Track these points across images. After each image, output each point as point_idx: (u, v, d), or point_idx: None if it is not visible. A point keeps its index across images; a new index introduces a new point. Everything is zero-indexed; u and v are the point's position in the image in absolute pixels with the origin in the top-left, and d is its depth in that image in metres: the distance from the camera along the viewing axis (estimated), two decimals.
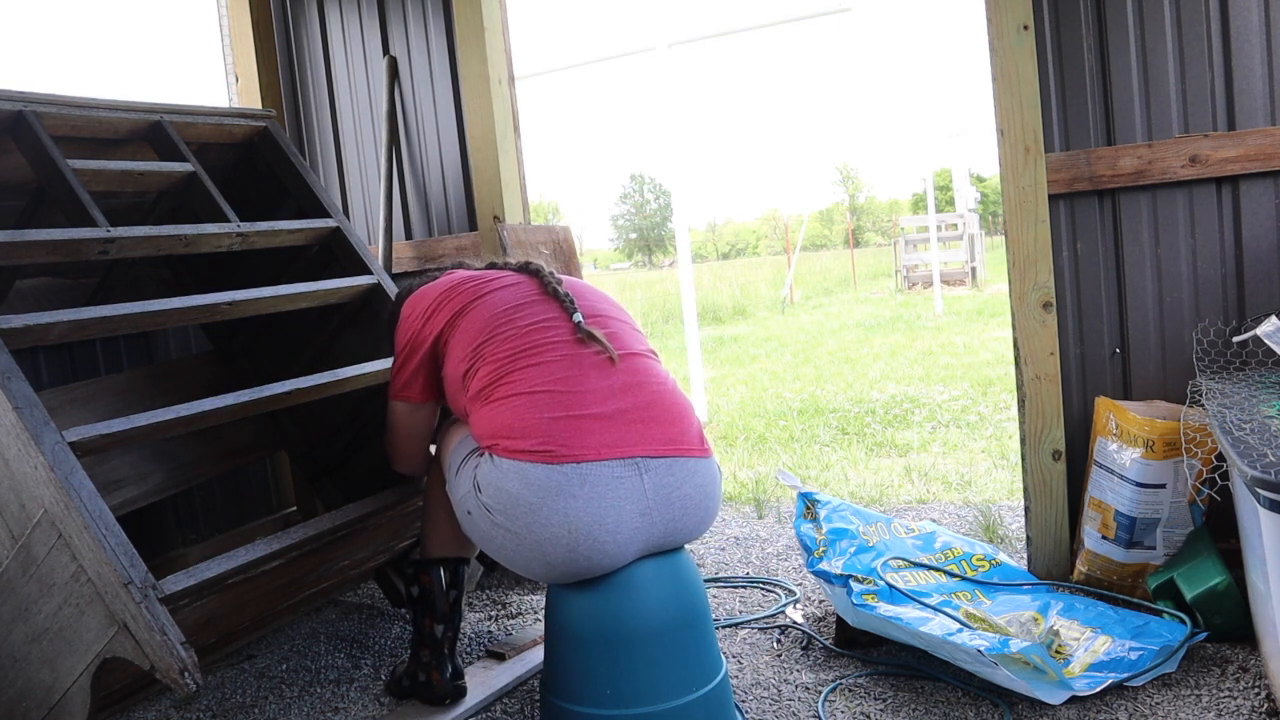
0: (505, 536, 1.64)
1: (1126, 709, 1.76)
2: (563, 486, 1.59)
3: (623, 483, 1.62)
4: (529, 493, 1.60)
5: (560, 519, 1.59)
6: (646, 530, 1.65)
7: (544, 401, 1.66)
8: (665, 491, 1.66)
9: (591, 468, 1.60)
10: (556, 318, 1.79)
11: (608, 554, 1.62)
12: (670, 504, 1.66)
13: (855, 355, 8.00)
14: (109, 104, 2.19)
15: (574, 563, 1.62)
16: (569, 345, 1.74)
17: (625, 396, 1.69)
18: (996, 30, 2.28)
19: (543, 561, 1.63)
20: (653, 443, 1.67)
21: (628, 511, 1.62)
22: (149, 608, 1.50)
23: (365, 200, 3.18)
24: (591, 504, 1.59)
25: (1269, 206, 2.17)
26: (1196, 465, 1.98)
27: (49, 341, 1.83)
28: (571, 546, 1.60)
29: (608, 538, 1.61)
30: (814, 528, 2.32)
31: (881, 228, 48.59)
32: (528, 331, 1.77)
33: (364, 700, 2.15)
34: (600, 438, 1.63)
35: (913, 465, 3.94)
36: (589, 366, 1.71)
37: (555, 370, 1.70)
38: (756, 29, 6.70)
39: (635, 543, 1.64)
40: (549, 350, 1.73)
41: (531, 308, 1.82)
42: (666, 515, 1.66)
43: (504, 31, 2.94)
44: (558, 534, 1.59)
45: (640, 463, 1.64)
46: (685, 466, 1.69)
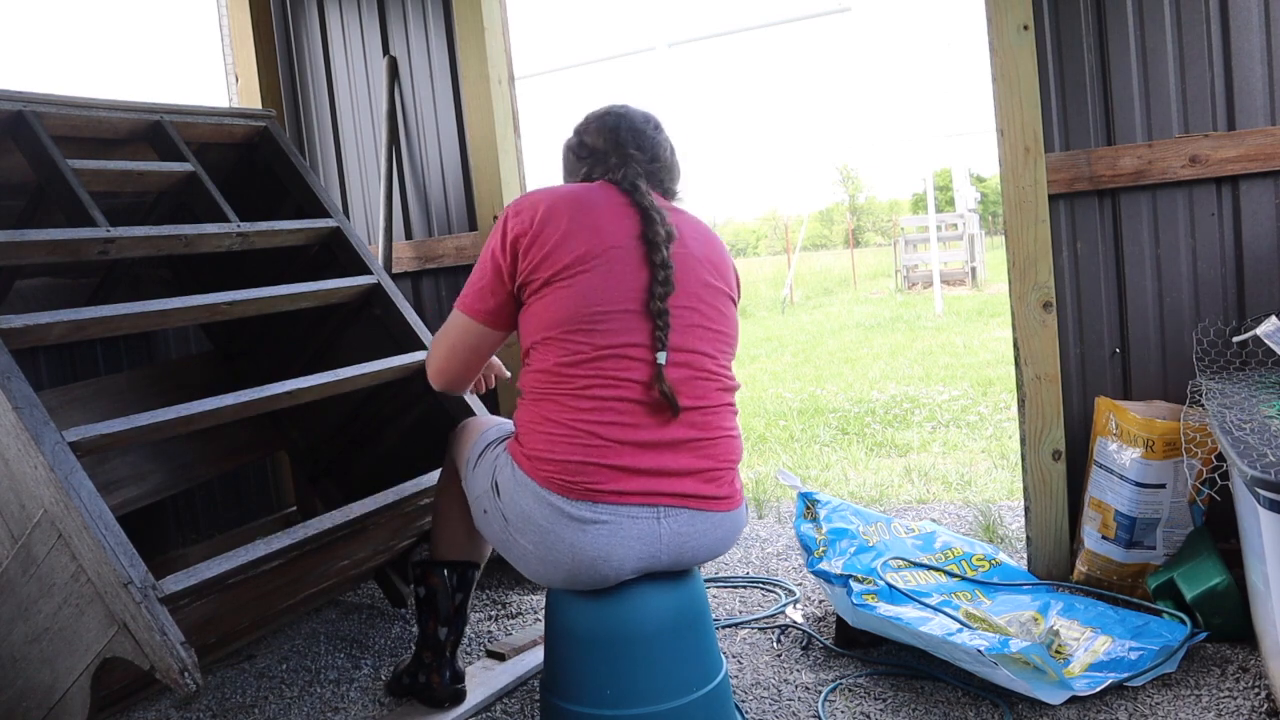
0: (516, 545, 1.66)
1: (1126, 709, 1.76)
2: (575, 517, 1.58)
3: (637, 524, 1.59)
4: (540, 515, 1.60)
5: (566, 548, 1.58)
6: (649, 566, 1.64)
7: (583, 443, 1.59)
8: (680, 539, 1.63)
9: (609, 508, 1.59)
10: (639, 344, 1.62)
11: (604, 579, 1.62)
12: (682, 550, 1.64)
13: (855, 355, 8.00)
14: (109, 104, 2.19)
15: (574, 581, 1.63)
16: (636, 385, 1.61)
17: (667, 453, 1.62)
18: (996, 30, 2.28)
19: (545, 574, 1.65)
20: (681, 497, 1.62)
21: (635, 550, 1.60)
22: (149, 608, 1.50)
23: (365, 200, 3.18)
24: (599, 540, 1.58)
25: (1269, 206, 2.17)
26: (1196, 465, 1.98)
27: (49, 341, 1.83)
28: (573, 571, 1.61)
29: (610, 571, 1.60)
30: (814, 528, 2.32)
31: (881, 228, 48.57)
32: (604, 357, 1.61)
33: (364, 700, 2.15)
34: (625, 485, 1.59)
35: (913, 465, 3.94)
36: (643, 413, 1.60)
37: (607, 414, 1.60)
38: (756, 29, 6.70)
39: (634, 572, 1.64)
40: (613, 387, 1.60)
41: (622, 318, 1.62)
42: (673, 558, 1.64)
43: (504, 31, 2.94)
44: (561, 559, 1.60)
45: (661, 510, 1.61)
46: (708, 520, 1.66)
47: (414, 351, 2.38)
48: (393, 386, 2.46)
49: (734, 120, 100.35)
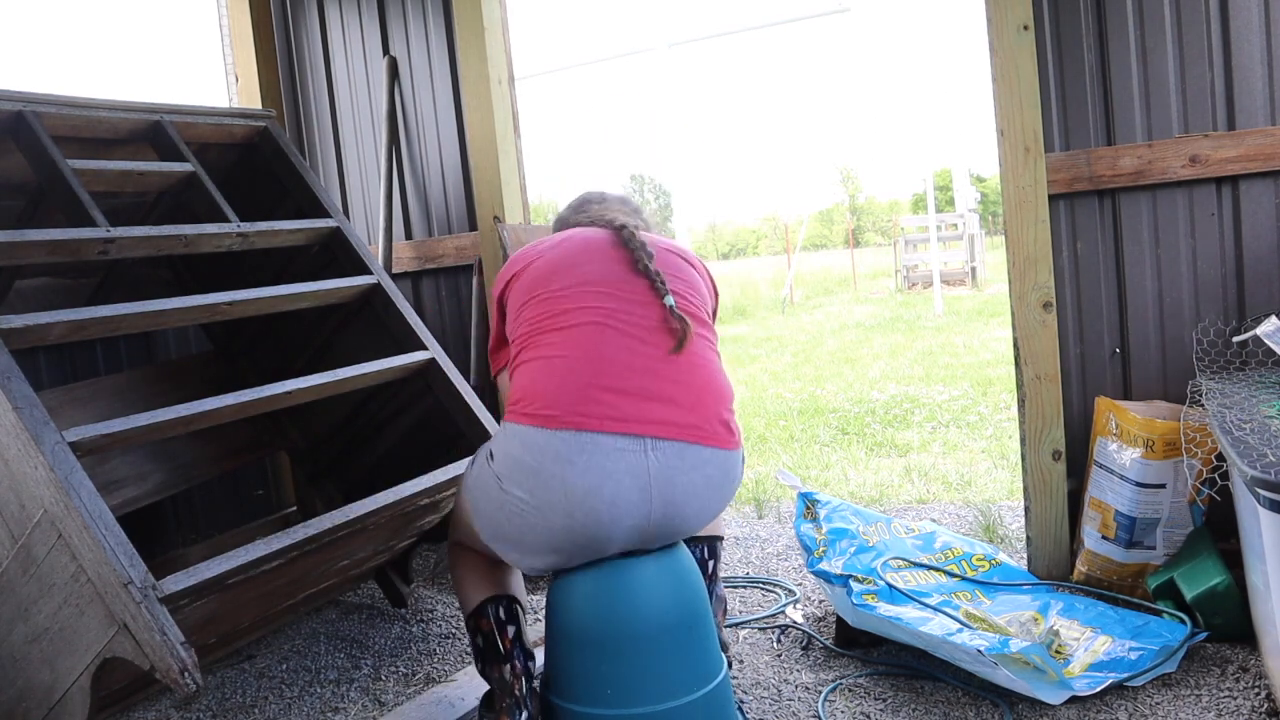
0: (514, 505, 1.61)
1: (1126, 709, 1.76)
2: (560, 452, 1.56)
3: (624, 455, 1.57)
4: (529, 456, 1.58)
5: (558, 484, 1.56)
6: (644, 508, 1.60)
7: (559, 367, 1.63)
8: (669, 474, 1.60)
9: (592, 437, 1.57)
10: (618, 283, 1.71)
11: (603, 525, 1.58)
12: (673, 487, 1.61)
13: (855, 355, 8.00)
14: (109, 104, 2.19)
15: (571, 531, 1.58)
16: (602, 314, 1.67)
17: (652, 375, 1.63)
18: (996, 30, 2.28)
19: (546, 531, 1.59)
20: (666, 425, 1.61)
21: (626, 485, 1.57)
22: (149, 608, 1.50)
23: (365, 200, 3.19)
24: (588, 473, 1.56)
25: (1269, 206, 2.17)
26: (1196, 465, 1.98)
27: (49, 341, 1.83)
28: (568, 513, 1.57)
29: (603, 508, 1.57)
30: (814, 528, 2.32)
31: (881, 228, 48.60)
32: (567, 292, 1.71)
33: (364, 700, 2.15)
34: (609, 411, 1.59)
35: (913, 465, 3.94)
36: (614, 341, 1.65)
37: (579, 336, 1.65)
38: (756, 29, 6.71)
39: (631, 517, 1.60)
40: (581, 315, 1.67)
41: (590, 267, 1.74)
42: (667, 497, 1.61)
43: (504, 31, 2.94)
44: (555, 499, 1.57)
45: (648, 441, 1.59)
46: (697, 454, 1.63)
47: (414, 351, 2.37)
48: (393, 386, 2.46)
49: (734, 120, 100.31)
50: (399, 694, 2.17)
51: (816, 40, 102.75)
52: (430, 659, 2.35)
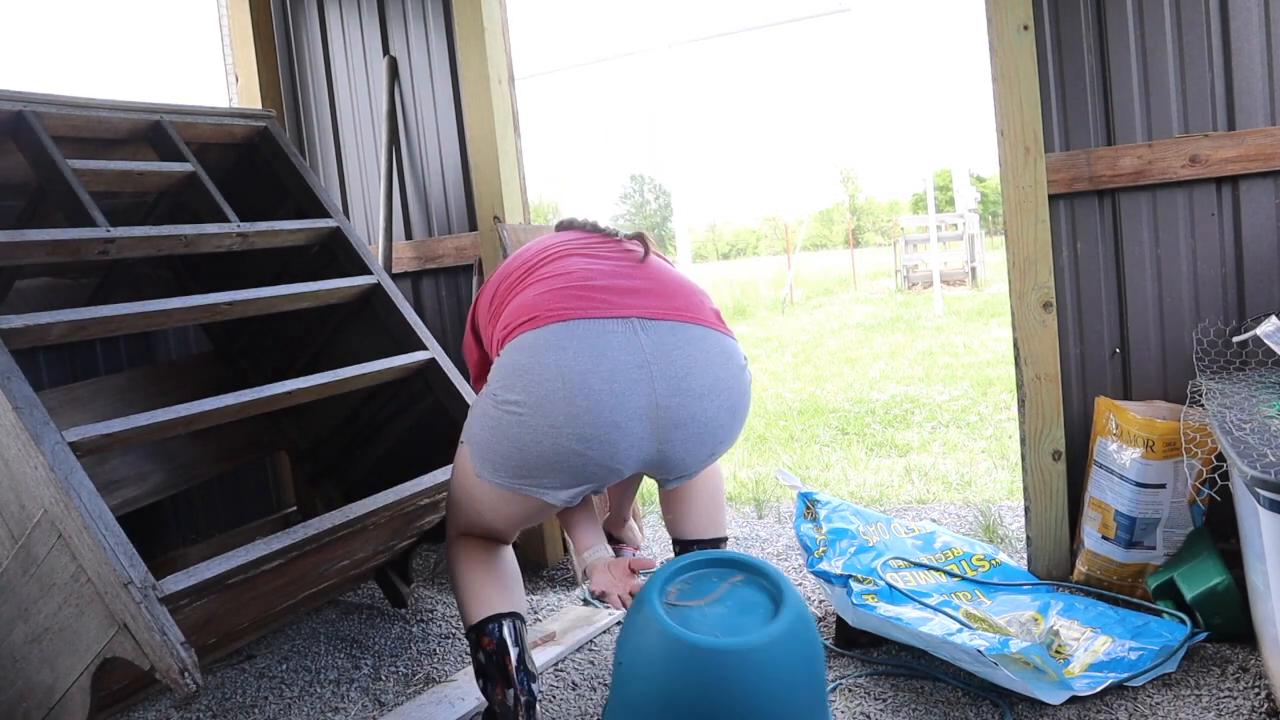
0: (512, 415, 1.58)
1: (1126, 709, 1.76)
2: (550, 342, 1.57)
3: (615, 336, 1.57)
4: (522, 356, 1.59)
5: (553, 372, 1.54)
6: (647, 384, 1.56)
7: (533, 289, 1.69)
8: (665, 349, 1.58)
9: (580, 323, 1.58)
10: (584, 236, 1.83)
11: (606, 407, 1.54)
12: (671, 361, 1.58)
13: (855, 355, 8.00)
14: (109, 104, 2.19)
15: (576, 420, 1.54)
16: (588, 250, 1.76)
17: (626, 277, 1.69)
18: (996, 30, 2.28)
19: (550, 431, 1.55)
20: (651, 308, 1.62)
21: (623, 362, 1.55)
22: (149, 608, 1.50)
23: (365, 200, 3.19)
24: (581, 355, 1.55)
25: (1269, 206, 2.17)
26: (1196, 465, 1.98)
27: (49, 341, 1.83)
28: (568, 398, 1.53)
29: (603, 385, 1.54)
30: (814, 528, 2.32)
31: (881, 228, 48.61)
32: (546, 250, 1.80)
33: (364, 700, 2.15)
34: (588, 301, 1.61)
35: (913, 465, 3.94)
36: (581, 263, 1.72)
37: (567, 264, 1.72)
38: (756, 29, 6.70)
39: (636, 395, 1.55)
40: (565, 256, 1.75)
41: (547, 243, 1.84)
42: (668, 372, 1.57)
43: (504, 31, 2.94)
44: (554, 388, 1.54)
45: (637, 322, 1.59)
46: (689, 331, 1.61)
47: (414, 351, 2.38)
48: (393, 386, 2.46)
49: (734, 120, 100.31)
50: (399, 694, 2.17)
51: (816, 40, 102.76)
52: (430, 659, 2.35)
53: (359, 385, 2.24)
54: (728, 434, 1.68)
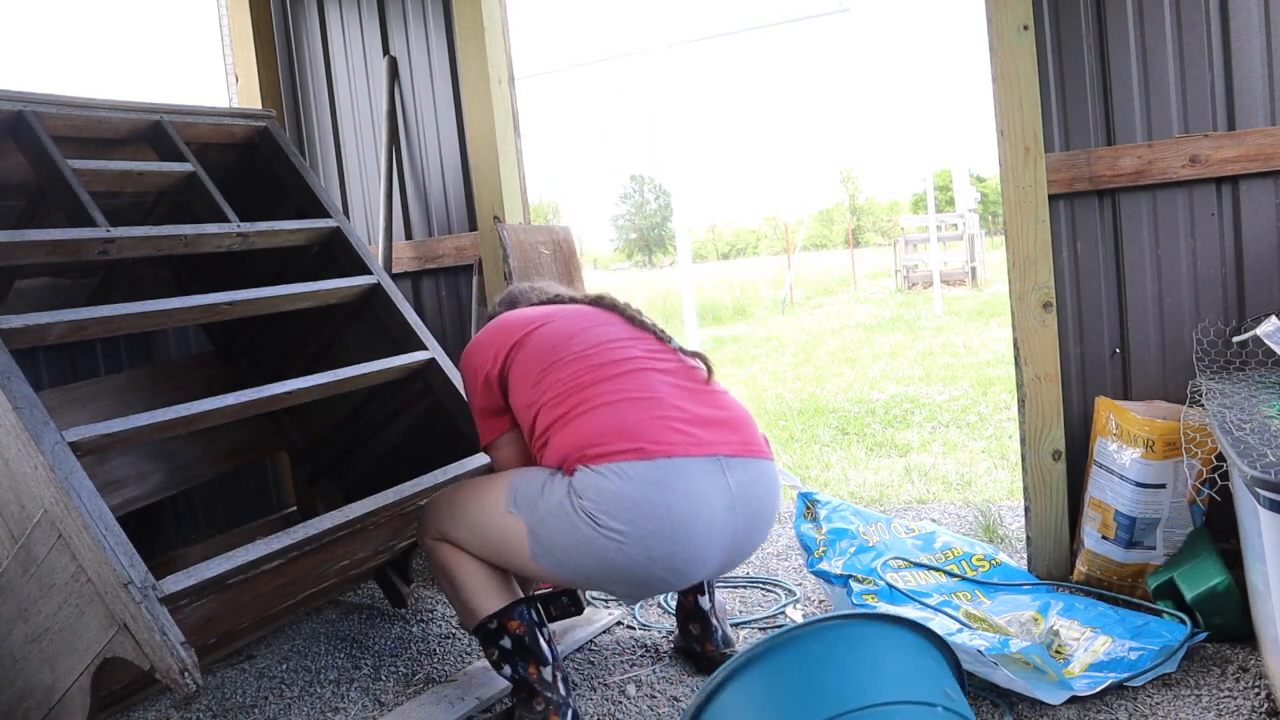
0: (609, 540, 1.66)
1: (1126, 709, 1.76)
2: (662, 481, 1.65)
3: (711, 478, 1.70)
4: (632, 488, 1.65)
5: (664, 512, 1.65)
6: (732, 526, 1.72)
7: (625, 408, 1.74)
8: (744, 489, 1.74)
9: (684, 462, 1.68)
10: (632, 338, 1.88)
11: (702, 547, 1.69)
12: (749, 501, 1.74)
13: (855, 355, 8.00)
14: (109, 104, 2.19)
15: (674, 558, 1.67)
16: (661, 365, 1.83)
17: (702, 404, 1.79)
18: (996, 30, 2.28)
19: (643, 560, 1.67)
20: (730, 443, 1.76)
21: (717, 505, 1.69)
22: (149, 608, 1.50)
23: (365, 200, 3.18)
24: (690, 497, 1.66)
25: (1269, 206, 2.17)
26: (1196, 465, 1.98)
27: (49, 341, 1.83)
28: (674, 539, 1.66)
29: (704, 530, 1.68)
30: (814, 528, 2.32)
31: (881, 228, 48.63)
32: (596, 350, 1.83)
33: (364, 700, 2.15)
34: (687, 438, 1.71)
35: (913, 465, 3.94)
36: (660, 381, 1.80)
37: (629, 382, 1.78)
38: (756, 29, 6.70)
39: (724, 537, 1.72)
40: (643, 372, 1.81)
41: (601, 329, 1.89)
42: (746, 512, 1.74)
43: (504, 31, 2.94)
44: (661, 527, 1.65)
45: (723, 460, 1.73)
46: (757, 467, 1.78)
47: (414, 351, 2.38)
48: (393, 386, 2.46)
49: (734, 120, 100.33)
50: (399, 694, 2.17)
51: (816, 40, 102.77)
52: (430, 659, 2.35)
53: (359, 385, 2.24)
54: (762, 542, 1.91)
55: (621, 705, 2.00)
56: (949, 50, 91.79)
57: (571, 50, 25.62)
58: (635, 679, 2.11)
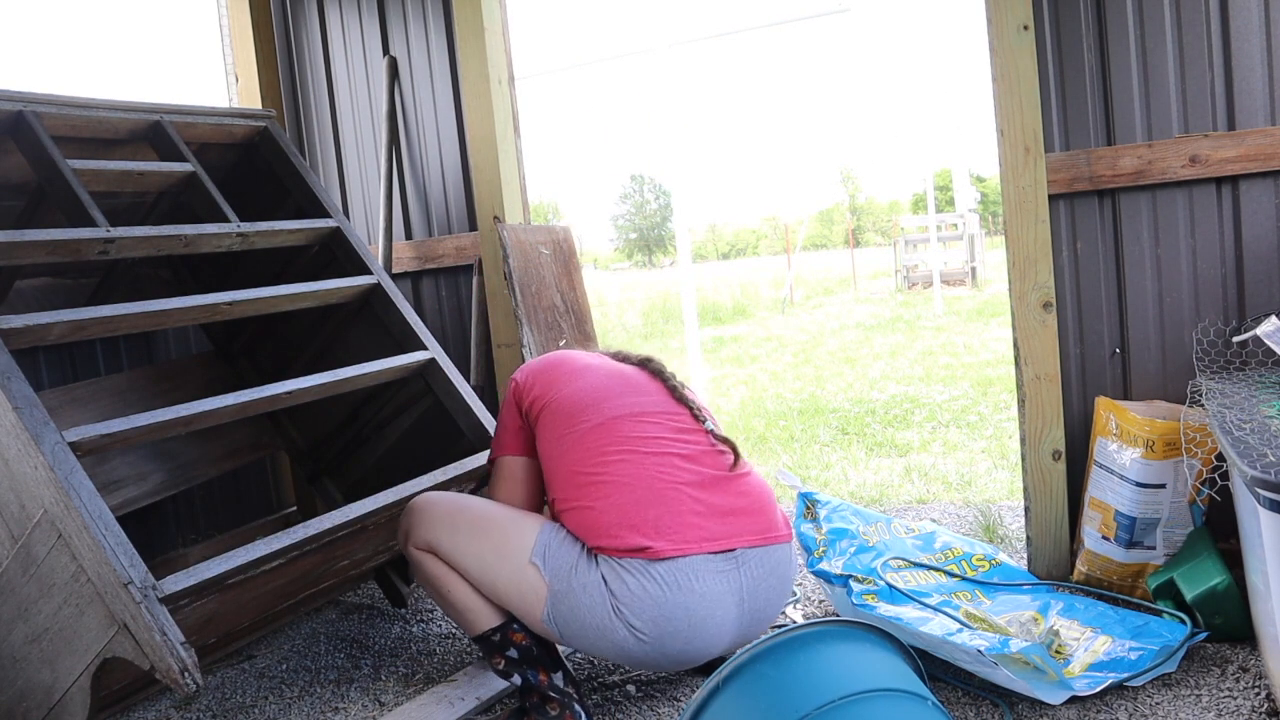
0: (634, 641, 1.70)
1: (1126, 709, 1.76)
2: (682, 584, 1.68)
3: (725, 577, 1.72)
4: (656, 589, 1.68)
5: (682, 614, 1.69)
6: (739, 619, 1.75)
7: (644, 496, 1.73)
8: (756, 582, 1.77)
9: (701, 561, 1.70)
10: (665, 413, 1.86)
11: (712, 643, 1.74)
12: (759, 594, 1.77)
13: (855, 355, 8.00)
14: (109, 104, 2.19)
15: (684, 653, 1.73)
16: (687, 449, 1.82)
17: (722, 493, 1.79)
18: (996, 30, 2.28)
19: (655, 655, 1.72)
20: (747, 534, 1.77)
21: (728, 604, 1.73)
22: (149, 608, 1.50)
23: (365, 200, 3.18)
24: (704, 599, 1.70)
25: (1269, 206, 2.17)
26: (1196, 465, 1.98)
27: (49, 341, 1.83)
28: (688, 639, 1.71)
29: (715, 629, 1.72)
30: (814, 528, 2.32)
31: (881, 228, 48.64)
32: (624, 420, 1.81)
33: (364, 700, 2.15)
34: (705, 534, 1.72)
35: (913, 465, 3.94)
36: (681, 469, 1.78)
37: (651, 466, 1.76)
38: (756, 29, 6.70)
39: (732, 631, 1.76)
40: (669, 455, 1.80)
41: (636, 398, 1.87)
42: (756, 605, 1.77)
43: (504, 31, 2.94)
44: (679, 628, 1.69)
45: (739, 555, 1.75)
46: (774, 555, 1.80)
47: (414, 351, 2.38)
48: (393, 386, 2.46)
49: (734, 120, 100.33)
50: (399, 694, 2.17)
51: (816, 40, 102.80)
52: (430, 659, 2.35)
53: (359, 385, 2.24)
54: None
55: (621, 705, 2.00)
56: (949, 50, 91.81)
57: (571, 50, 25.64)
58: (635, 679, 2.11)
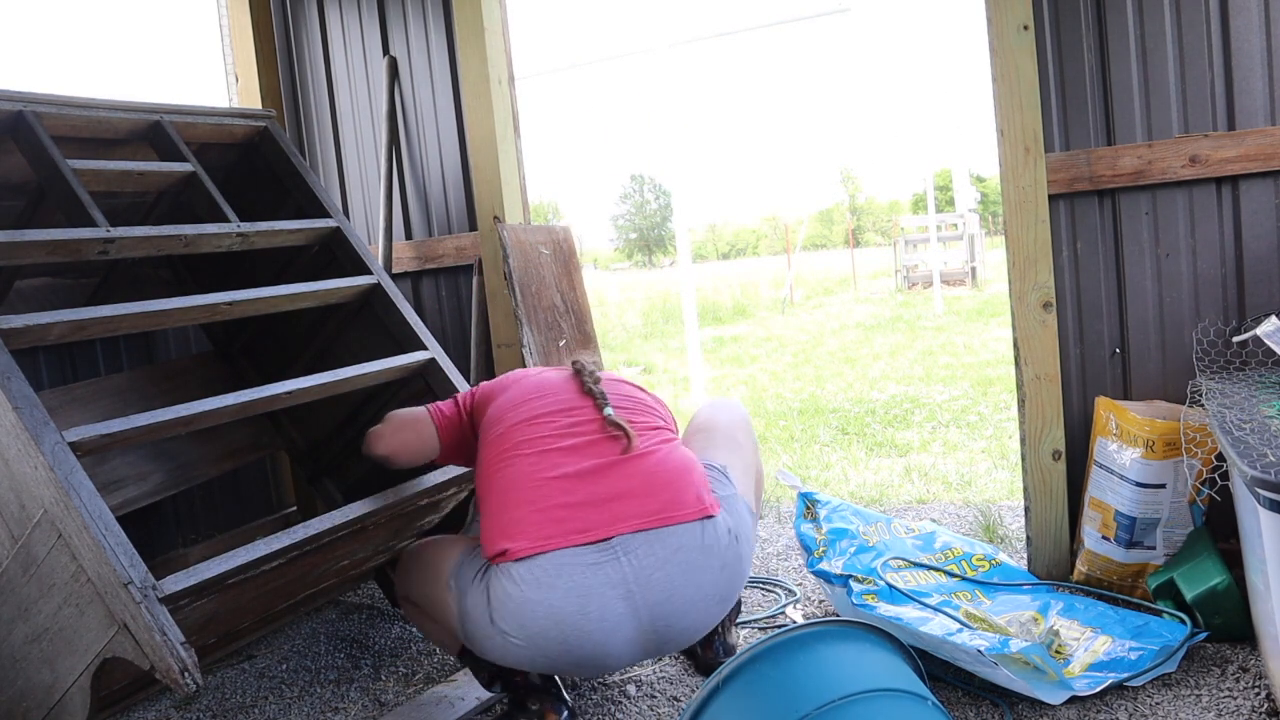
0: (510, 644, 1.65)
1: (1126, 709, 1.76)
2: (542, 580, 1.60)
3: (600, 569, 1.61)
4: (516, 589, 1.62)
5: (544, 611, 1.60)
6: (633, 619, 1.62)
7: (514, 500, 1.69)
8: (646, 572, 1.62)
9: (563, 555, 1.61)
10: (563, 409, 1.81)
11: (597, 643, 1.62)
12: (652, 587, 1.62)
13: (855, 355, 8.00)
14: (109, 104, 2.19)
15: (570, 655, 1.63)
16: (545, 442, 1.76)
17: (606, 480, 1.69)
18: (996, 30, 2.27)
19: (545, 660, 1.65)
20: (629, 518, 1.64)
21: (609, 597, 1.60)
22: (149, 608, 1.50)
23: (365, 200, 3.18)
24: (572, 595, 1.60)
25: (1269, 206, 2.17)
26: (1196, 465, 1.98)
27: (49, 341, 1.83)
28: (562, 639, 1.61)
29: (593, 626, 1.60)
30: (814, 528, 2.32)
31: (881, 228, 48.65)
32: (520, 427, 1.80)
33: (364, 700, 2.15)
34: (574, 525, 1.64)
35: (913, 465, 3.94)
36: (556, 466, 1.71)
37: (526, 466, 1.72)
38: (756, 29, 6.70)
39: (625, 629, 1.62)
40: (530, 445, 1.76)
41: (545, 399, 1.85)
42: (651, 599, 1.62)
43: (504, 31, 2.94)
44: (546, 627, 1.61)
45: (617, 544, 1.62)
46: (669, 540, 1.63)
47: (414, 351, 2.37)
48: (393, 386, 2.46)
49: (734, 120, 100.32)
50: (399, 694, 2.17)
51: (816, 40, 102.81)
52: (430, 659, 2.35)
53: (359, 385, 2.24)
54: (720, 613, 1.74)
55: (621, 705, 2.00)
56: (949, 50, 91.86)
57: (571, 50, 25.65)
58: (635, 679, 2.11)
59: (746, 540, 1.75)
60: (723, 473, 1.82)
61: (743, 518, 1.76)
